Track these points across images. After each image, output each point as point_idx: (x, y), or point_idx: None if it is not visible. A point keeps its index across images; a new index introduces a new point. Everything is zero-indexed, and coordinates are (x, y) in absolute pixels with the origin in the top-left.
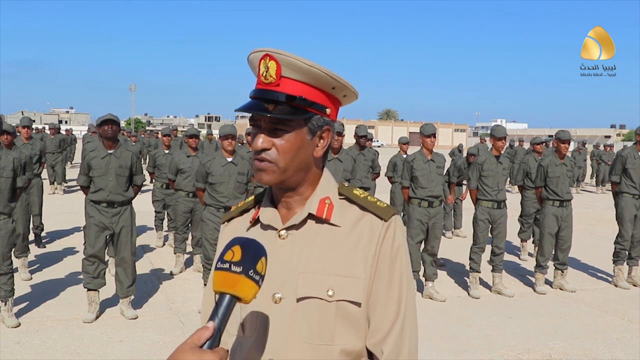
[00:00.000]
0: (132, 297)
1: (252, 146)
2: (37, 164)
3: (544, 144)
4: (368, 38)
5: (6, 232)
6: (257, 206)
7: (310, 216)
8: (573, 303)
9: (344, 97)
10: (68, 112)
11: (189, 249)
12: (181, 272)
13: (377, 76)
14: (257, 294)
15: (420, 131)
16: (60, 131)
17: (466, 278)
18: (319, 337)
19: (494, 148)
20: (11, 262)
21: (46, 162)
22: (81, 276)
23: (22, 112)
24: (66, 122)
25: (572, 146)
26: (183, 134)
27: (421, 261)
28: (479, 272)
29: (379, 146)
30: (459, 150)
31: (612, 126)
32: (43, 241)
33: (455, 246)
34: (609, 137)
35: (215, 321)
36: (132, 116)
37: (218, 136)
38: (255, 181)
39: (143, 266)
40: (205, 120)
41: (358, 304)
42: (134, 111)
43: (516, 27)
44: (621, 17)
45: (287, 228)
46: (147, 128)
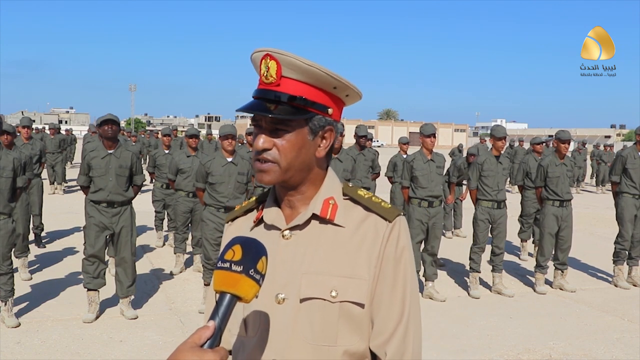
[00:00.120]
0: (132, 297)
1: (253, 146)
2: (37, 164)
3: (544, 144)
4: (368, 38)
5: (6, 232)
6: (261, 206)
7: (314, 216)
8: (573, 303)
9: (347, 97)
10: (68, 112)
11: (189, 249)
12: (181, 272)
13: (377, 76)
14: (260, 294)
15: (420, 131)
16: (60, 131)
17: (466, 278)
18: (322, 338)
19: (494, 148)
20: (11, 262)
21: (46, 162)
22: (81, 276)
23: (22, 112)
24: (66, 122)
25: (572, 146)
26: (183, 134)
27: (421, 261)
28: (479, 272)
29: (379, 146)
30: (459, 150)
31: (612, 126)
32: (43, 241)
33: (455, 246)
34: (609, 137)
35: (215, 320)
36: (132, 116)
37: (218, 136)
38: (255, 181)
39: (143, 266)
40: (205, 120)
41: (361, 305)
42: (134, 111)
43: (516, 27)
44: (621, 17)
45: (291, 228)
46: (147, 128)
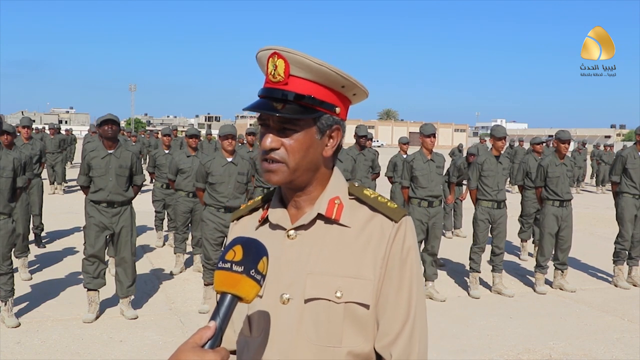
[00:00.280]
0: (132, 297)
1: (261, 145)
2: (37, 164)
3: (544, 144)
4: (368, 38)
5: (6, 232)
6: (266, 205)
7: (319, 216)
8: (573, 303)
9: (354, 96)
10: (68, 112)
11: (189, 249)
12: (181, 272)
13: (377, 76)
14: (265, 294)
15: (420, 131)
16: (60, 131)
17: (466, 278)
18: (327, 339)
19: (494, 148)
20: (11, 262)
21: (46, 162)
22: (81, 276)
23: (22, 112)
24: (66, 122)
25: (572, 146)
26: (183, 134)
27: (421, 261)
28: (479, 272)
29: (379, 146)
30: (459, 150)
31: (612, 126)
32: (43, 241)
33: (455, 246)
34: (609, 137)
35: (216, 321)
36: (132, 116)
37: (218, 136)
38: (255, 181)
39: (143, 266)
40: (205, 120)
41: (367, 306)
42: (134, 111)
43: (516, 27)
44: (621, 17)
45: (296, 228)
46: (147, 128)
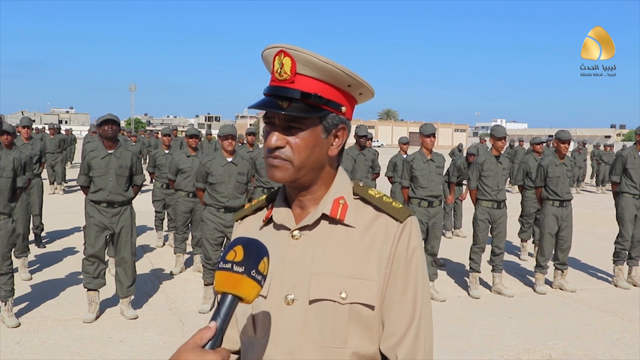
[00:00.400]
0: (132, 297)
1: (266, 144)
2: (37, 164)
3: (544, 144)
4: (368, 38)
5: (6, 232)
6: (271, 205)
7: (324, 216)
8: (573, 303)
9: (360, 95)
10: (68, 112)
11: (189, 249)
12: (181, 272)
13: (377, 76)
14: (269, 295)
15: (420, 131)
16: (60, 131)
17: (466, 278)
18: (332, 340)
19: (494, 148)
20: (11, 262)
21: (46, 162)
22: (81, 276)
23: (22, 112)
24: (66, 122)
25: (572, 146)
26: (183, 134)
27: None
28: (479, 272)
29: (379, 146)
30: (459, 149)
31: (612, 126)
32: (43, 241)
33: (455, 246)
34: (609, 137)
35: (217, 321)
36: (132, 116)
37: (218, 136)
38: (254, 181)
39: (143, 266)
40: (205, 120)
41: (372, 307)
42: (134, 111)
43: (516, 27)
44: (621, 17)
45: (301, 228)
46: (147, 128)
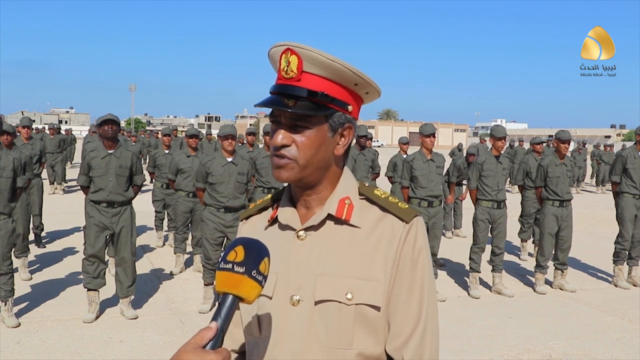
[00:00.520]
0: (132, 297)
1: (272, 142)
2: (37, 164)
3: (544, 144)
4: (368, 38)
5: (6, 232)
6: (276, 204)
7: (329, 217)
8: (573, 303)
9: (367, 95)
10: (68, 112)
11: (189, 249)
12: (181, 272)
13: (377, 76)
14: (275, 295)
15: (419, 131)
16: (60, 131)
17: (466, 278)
18: (337, 341)
19: (494, 148)
20: (11, 262)
21: (46, 162)
22: (81, 276)
23: (22, 112)
24: (66, 122)
25: (572, 146)
26: (183, 134)
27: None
28: (479, 272)
29: (379, 146)
30: (459, 149)
31: (612, 126)
32: (43, 241)
33: (455, 246)
34: (609, 137)
35: (218, 321)
36: (132, 116)
37: (217, 136)
38: (254, 181)
39: (143, 266)
40: (205, 120)
41: (377, 308)
42: (134, 111)
43: (516, 27)
44: (621, 17)
45: (306, 229)
46: (147, 128)
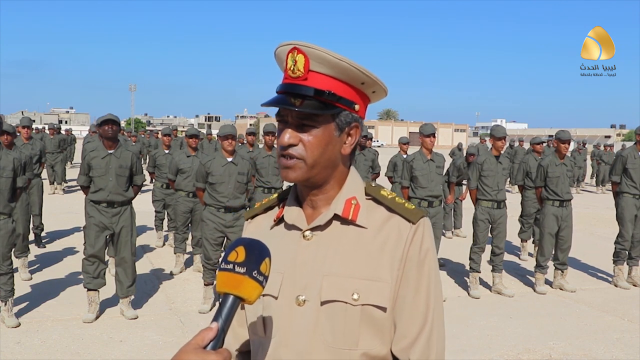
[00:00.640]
0: (132, 297)
1: (279, 141)
2: (37, 164)
3: (544, 144)
4: (368, 38)
5: (6, 232)
6: (282, 204)
7: (335, 217)
8: (573, 303)
9: (373, 94)
10: (68, 112)
11: (189, 249)
12: (181, 272)
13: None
14: (280, 295)
15: (419, 131)
16: (60, 131)
17: (466, 278)
18: (343, 341)
19: (494, 148)
20: (11, 262)
21: (46, 162)
22: (81, 276)
23: (22, 112)
24: (66, 122)
25: (572, 146)
26: (183, 134)
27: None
28: (479, 272)
29: (379, 146)
30: (459, 148)
31: (612, 126)
32: (43, 241)
33: (455, 246)
34: (609, 137)
35: (219, 322)
36: (132, 116)
37: (217, 136)
38: (255, 181)
39: (143, 266)
40: (205, 120)
41: (384, 309)
42: (134, 111)
43: (516, 27)
44: (621, 17)
45: (312, 229)
46: (147, 128)
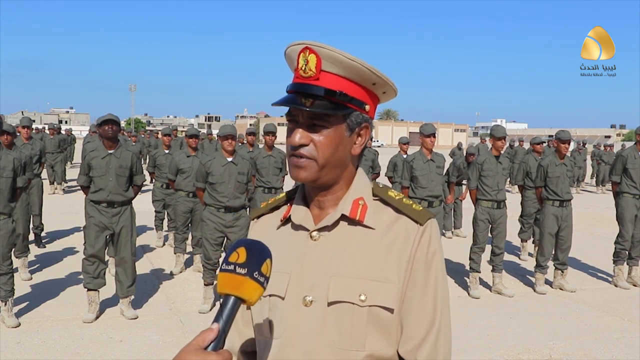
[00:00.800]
0: (132, 297)
1: (289, 141)
2: (37, 164)
3: (544, 144)
4: (368, 38)
5: (6, 232)
6: (289, 204)
7: (343, 217)
8: (573, 303)
9: (383, 94)
10: (68, 112)
11: (189, 249)
12: (181, 272)
13: None
14: (287, 296)
15: (420, 131)
16: (60, 131)
17: (466, 278)
18: (350, 342)
19: (494, 148)
20: (11, 262)
21: (46, 162)
22: (81, 276)
23: (22, 112)
24: (66, 122)
25: (572, 146)
26: (183, 134)
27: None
28: (479, 272)
29: (379, 146)
30: (459, 148)
31: (612, 126)
32: (43, 241)
33: (455, 246)
34: (609, 137)
35: (219, 323)
36: (132, 116)
37: (217, 136)
38: (255, 181)
39: (143, 266)
40: (205, 120)
41: (391, 310)
42: (134, 111)
43: (516, 27)
44: (621, 17)
45: (319, 229)
46: (147, 128)
